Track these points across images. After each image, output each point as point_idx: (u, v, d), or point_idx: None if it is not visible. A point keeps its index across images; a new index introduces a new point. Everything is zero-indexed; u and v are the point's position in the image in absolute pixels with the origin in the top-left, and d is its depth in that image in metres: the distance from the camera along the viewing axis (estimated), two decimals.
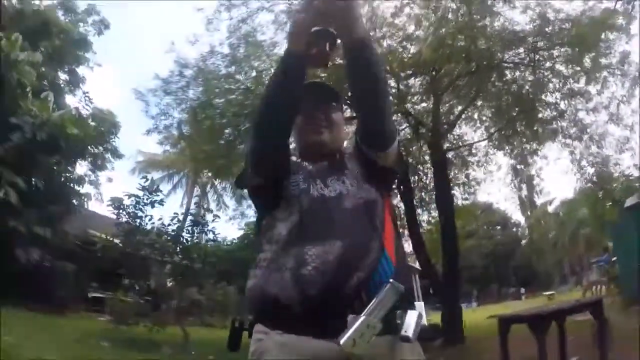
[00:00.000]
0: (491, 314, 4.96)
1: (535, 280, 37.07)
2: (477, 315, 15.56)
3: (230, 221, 15.18)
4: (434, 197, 11.24)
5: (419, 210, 12.56)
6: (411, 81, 10.16)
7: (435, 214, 11.57)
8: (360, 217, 1.19)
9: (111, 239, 10.80)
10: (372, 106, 1.20)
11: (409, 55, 9.13)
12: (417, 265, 11.89)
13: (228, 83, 9.63)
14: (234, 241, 18.95)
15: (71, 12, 15.99)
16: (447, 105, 10.62)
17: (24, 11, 13.24)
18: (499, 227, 39.68)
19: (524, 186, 13.99)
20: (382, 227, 1.20)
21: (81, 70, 15.84)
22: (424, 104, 10.56)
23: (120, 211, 10.88)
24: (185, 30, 31.33)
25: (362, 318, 1.00)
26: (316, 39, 1.05)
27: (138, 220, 10.85)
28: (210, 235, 11.72)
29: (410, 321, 1.07)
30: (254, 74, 9.66)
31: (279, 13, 9.77)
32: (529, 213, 30.00)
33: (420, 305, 1.16)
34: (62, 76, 15.45)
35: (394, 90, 9.90)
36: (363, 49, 1.10)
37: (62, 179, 11.88)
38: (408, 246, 12.10)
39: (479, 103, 10.22)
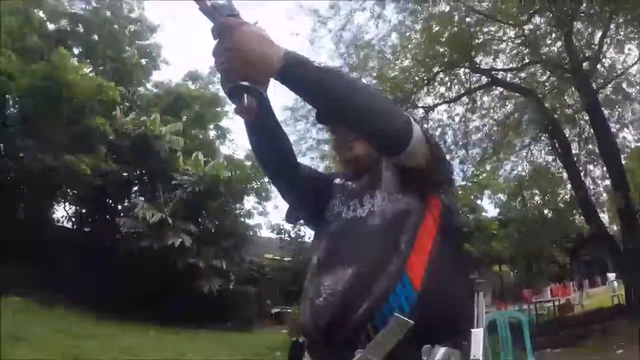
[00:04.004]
0: None
1: None
2: None
3: None
4: None
5: (590, 166, 11.12)
6: (535, 21, 9.25)
7: None
8: (381, 238, 1.10)
9: (280, 259, 11.86)
10: (350, 118, 1.02)
11: None
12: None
13: None
14: None
15: (198, 79, 18.80)
16: (584, 35, 9.38)
17: (160, 94, 16.26)
18: None
19: None
20: (410, 244, 1.08)
21: (224, 122, 18.18)
22: (559, 43, 9.44)
23: (283, 234, 12.09)
24: None
25: (358, 355, 0.96)
26: (232, 96, 0.96)
27: (301, 239, 11.88)
28: None
29: (434, 359, 0.96)
30: (374, 74, 9.83)
31: (372, 7, 9.85)
32: None
33: (477, 333, 1.02)
34: (211, 132, 17.97)
35: (522, 39, 9.10)
36: (291, 75, 0.93)
37: (233, 216, 13.50)
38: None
39: (620, 20, 8.81)
